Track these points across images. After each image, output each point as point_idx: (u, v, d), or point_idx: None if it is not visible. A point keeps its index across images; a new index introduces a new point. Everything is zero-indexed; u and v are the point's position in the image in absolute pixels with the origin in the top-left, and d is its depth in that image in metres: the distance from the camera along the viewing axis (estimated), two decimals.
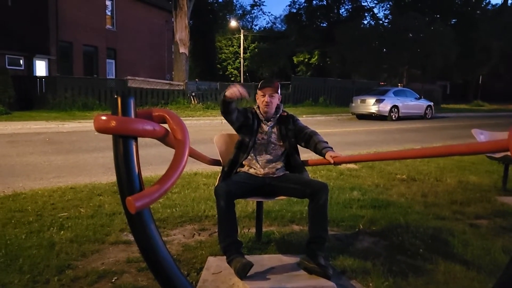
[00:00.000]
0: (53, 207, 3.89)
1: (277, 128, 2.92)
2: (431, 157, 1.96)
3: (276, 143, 2.88)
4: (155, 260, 1.22)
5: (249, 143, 2.85)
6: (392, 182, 5.36)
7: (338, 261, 2.80)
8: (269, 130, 2.89)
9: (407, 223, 3.62)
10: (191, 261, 2.81)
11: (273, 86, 2.86)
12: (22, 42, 19.38)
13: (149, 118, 1.34)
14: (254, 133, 2.86)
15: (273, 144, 2.87)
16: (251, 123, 2.88)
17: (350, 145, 8.95)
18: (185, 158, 1.28)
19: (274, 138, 2.89)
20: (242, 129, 2.88)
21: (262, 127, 2.90)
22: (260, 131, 2.89)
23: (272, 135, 2.89)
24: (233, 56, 44.88)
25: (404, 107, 17.73)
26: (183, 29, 17.34)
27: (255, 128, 2.87)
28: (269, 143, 2.87)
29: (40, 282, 2.45)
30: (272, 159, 2.84)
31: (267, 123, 2.91)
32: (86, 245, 3.03)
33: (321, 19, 40.81)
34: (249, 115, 2.91)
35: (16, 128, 10.29)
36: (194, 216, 3.75)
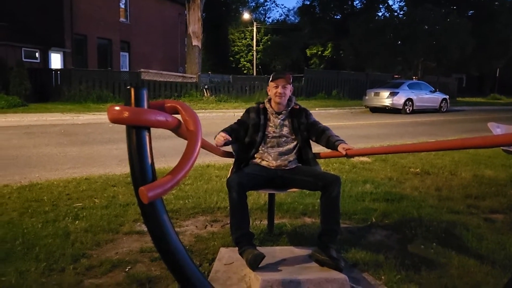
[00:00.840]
0: (68, 197, 3.96)
1: (289, 121, 2.91)
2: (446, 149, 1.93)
3: (288, 136, 2.88)
4: (167, 250, 1.23)
5: (257, 139, 2.86)
6: (405, 175, 5.31)
7: (350, 253, 2.79)
8: (281, 123, 2.88)
9: (421, 216, 3.59)
10: (203, 251, 2.84)
11: (285, 77, 2.85)
12: (37, 35, 19.60)
13: (161, 109, 1.34)
14: (262, 128, 2.86)
15: (285, 137, 2.87)
16: (257, 120, 2.89)
17: (363, 138, 8.88)
18: (197, 149, 1.28)
19: (286, 131, 2.88)
20: (249, 130, 2.91)
21: (272, 121, 2.89)
22: (271, 125, 2.88)
23: (284, 128, 2.88)
24: (246, 49, 44.72)
25: (418, 100, 17.50)
26: (196, 21, 17.34)
27: (262, 123, 2.87)
28: (281, 136, 2.86)
29: (56, 270, 2.50)
30: (284, 151, 2.83)
31: (278, 116, 2.90)
32: (100, 235, 3.07)
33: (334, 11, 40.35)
34: (253, 114, 2.92)
35: (32, 120, 10.45)
36: (207, 208, 3.78)
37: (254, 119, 2.90)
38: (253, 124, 2.89)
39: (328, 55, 41.19)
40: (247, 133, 2.92)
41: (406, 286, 2.35)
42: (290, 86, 2.89)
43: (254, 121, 2.90)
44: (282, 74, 2.90)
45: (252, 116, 2.92)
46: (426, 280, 2.43)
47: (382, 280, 2.42)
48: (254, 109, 2.96)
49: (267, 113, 2.92)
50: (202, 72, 19.12)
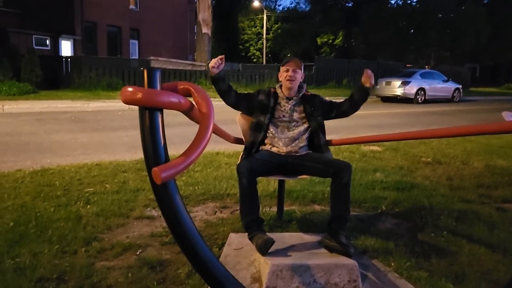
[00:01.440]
0: (80, 182, 4.00)
1: (301, 106, 2.87)
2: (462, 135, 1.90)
3: (299, 121, 2.84)
4: (180, 231, 1.23)
5: (264, 121, 2.83)
6: (416, 165, 5.27)
7: (360, 241, 2.79)
8: (291, 108, 2.85)
9: (431, 205, 3.57)
10: (213, 236, 2.86)
11: (296, 61, 2.84)
12: (48, 23, 19.69)
13: (174, 91, 1.34)
14: (270, 110, 2.83)
15: (295, 122, 2.84)
16: (266, 102, 2.86)
17: (373, 127, 8.82)
18: (209, 131, 1.28)
19: (296, 116, 2.85)
20: (256, 110, 2.89)
21: (282, 105, 2.86)
22: (281, 109, 2.85)
23: (294, 114, 2.85)
24: (256, 37, 44.42)
25: (431, 89, 17.29)
26: (206, 9, 17.25)
27: (271, 106, 2.84)
28: (291, 121, 2.83)
29: (68, 253, 2.53)
30: (294, 137, 2.80)
31: (288, 101, 2.87)
32: (112, 219, 3.10)
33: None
34: (262, 96, 2.90)
35: (43, 107, 10.54)
36: (216, 194, 3.79)
37: (262, 100, 2.88)
38: (261, 105, 2.86)
39: (339, 44, 40.75)
40: (248, 108, 2.92)
41: (415, 273, 2.34)
42: (300, 72, 2.85)
43: (262, 102, 2.87)
44: (292, 58, 2.89)
45: (261, 97, 2.90)
46: (436, 268, 2.42)
47: (391, 267, 2.42)
48: (265, 91, 2.94)
49: (277, 98, 2.89)
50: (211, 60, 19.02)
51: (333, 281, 2.15)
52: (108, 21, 22.60)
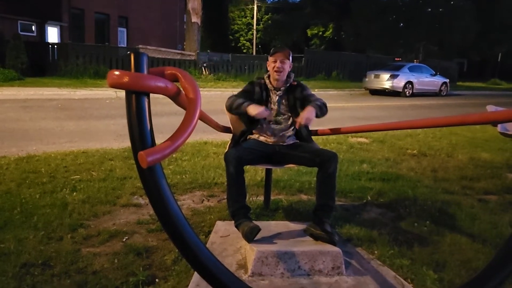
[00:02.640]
0: (66, 169, 3.97)
1: (286, 98, 2.87)
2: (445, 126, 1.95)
3: (285, 114, 2.85)
4: (166, 216, 1.24)
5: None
6: (402, 156, 5.34)
7: (345, 229, 2.83)
8: (279, 101, 2.85)
9: (415, 196, 3.63)
10: (199, 224, 2.87)
11: (284, 52, 2.81)
12: (34, 8, 19.30)
13: (161, 75, 1.34)
14: (264, 104, 2.82)
15: (282, 115, 2.84)
16: (260, 96, 2.85)
17: (360, 120, 8.89)
18: (196, 117, 1.29)
19: (283, 109, 2.85)
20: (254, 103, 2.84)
21: (271, 98, 2.87)
22: (271, 102, 2.86)
23: (281, 106, 2.85)
24: (246, 28, 44.18)
25: (419, 83, 17.43)
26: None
27: (264, 100, 2.84)
28: (278, 114, 2.84)
29: (54, 239, 2.53)
30: (282, 128, 2.82)
31: (276, 93, 2.86)
32: (98, 207, 3.10)
33: None
34: (257, 88, 2.88)
35: (29, 94, 10.38)
36: (204, 183, 3.80)
37: (258, 94, 2.86)
38: (257, 99, 2.83)
39: (329, 36, 40.75)
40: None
41: (398, 261, 2.39)
42: (289, 62, 2.83)
43: (258, 96, 2.85)
44: (281, 49, 2.86)
45: (257, 90, 2.87)
46: (418, 256, 2.47)
47: (375, 255, 2.47)
48: (258, 84, 2.90)
49: (268, 89, 2.89)
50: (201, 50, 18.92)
51: (317, 268, 2.18)
52: (96, 8, 22.26)
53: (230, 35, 43.22)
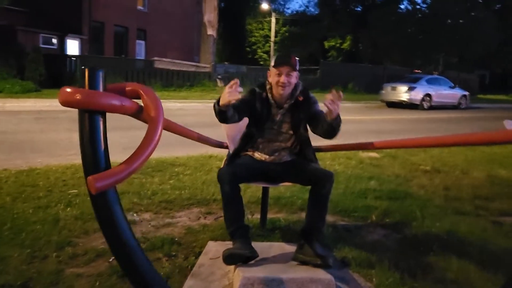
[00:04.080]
0: (64, 183, 3.92)
1: (290, 116, 2.56)
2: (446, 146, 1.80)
3: (286, 133, 2.58)
4: (118, 244, 1.14)
5: (255, 132, 2.59)
6: (414, 173, 5.13)
7: (343, 252, 2.67)
8: (280, 119, 2.56)
9: (423, 216, 3.43)
10: (191, 244, 2.76)
11: (290, 64, 2.41)
12: (56, 22, 19.76)
13: (121, 92, 1.24)
14: (263, 122, 2.55)
15: (283, 134, 2.58)
16: (260, 112, 2.54)
17: (373, 133, 8.68)
18: (156, 137, 1.18)
19: (285, 129, 2.57)
20: (251, 119, 2.61)
21: (273, 115, 2.56)
22: (271, 120, 2.56)
23: (283, 126, 2.57)
24: (263, 40, 44.33)
25: (437, 96, 17.08)
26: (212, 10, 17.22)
27: (263, 118, 2.54)
28: (279, 134, 2.57)
29: (39, 258, 2.45)
30: (279, 149, 2.58)
31: (279, 110, 2.55)
32: (90, 223, 3.01)
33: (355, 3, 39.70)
34: (258, 104, 2.55)
35: (44, 105, 10.53)
36: (202, 199, 3.69)
37: (258, 111, 2.54)
38: (255, 116, 2.55)
39: (347, 48, 40.58)
40: (246, 113, 2.53)
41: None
42: (296, 73, 2.47)
43: (257, 113, 2.54)
44: (286, 59, 2.44)
45: (258, 106, 2.53)
46: (420, 285, 2.30)
47: (373, 282, 2.30)
48: (260, 97, 2.54)
49: (268, 104, 2.55)
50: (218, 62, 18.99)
51: None
52: (115, 21, 22.65)
53: (247, 47, 43.44)
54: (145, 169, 4.61)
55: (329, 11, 38.59)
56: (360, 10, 38.70)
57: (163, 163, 4.92)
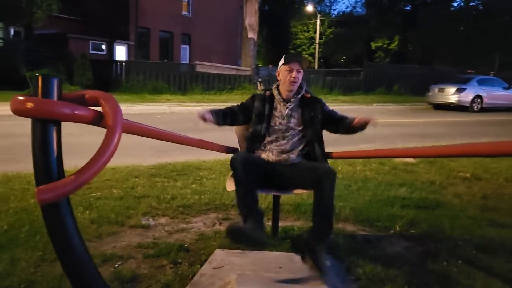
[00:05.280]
0: (89, 186, 4.00)
1: (299, 112, 2.61)
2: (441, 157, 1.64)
3: (295, 129, 2.58)
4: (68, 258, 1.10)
5: (261, 131, 2.60)
6: (451, 180, 4.82)
7: (358, 265, 2.51)
8: (289, 114, 2.59)
9: (453, 228, 3.18)
10: (199, 252, 2.70)
11: (301, 61, 2.58)
12: (105, 29, 20.65)
13: (81, 100, 1.20)
14: (266, 118, 2.60)
15: (291, 130, 2.58)
16: (261, 109, 2.63)
17: (414, 137, 8.28)
18: (111, 147, 1.13)
19: (293, 123, 2.59)
20: (253, 119, 2.67)
21: (279, 110, 2.61)
22: (277, 115, 2.60)
23: (292, 120, 2.59)
24: (308, 42, 43.98)
25: (489, 97, 16.10)
26: (253, 14, 17.26)
27: (266, 113, 2.60)
28: (287, 129, 2.58)
29: (48, 261, 2.48)
30: (287, 148, 2.55)
31: (286, 104, 2.60)
32: (105, 227, 3.04)
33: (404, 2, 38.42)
34: (258, 103, 2.66)
35: None
36: (221, 204, 3.64)
37: (258, 108, 2.64)
38: (256, 114, 2.64)
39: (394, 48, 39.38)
40: (247, 119, 2.70)
41: None
42: (302, 72, 2.60)
43: (258, 111, 2.64)
44: (297, 57, 2.65)
45: (256, 105, 2.66)
46: None
47: None
48: (260, 97, 2.70)
49: (273, 102, 2.64)
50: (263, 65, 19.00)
51: None
52: (161, 26, 23.30)
53: (292, 49, 43.26)
54: (170, 173, 4.64)
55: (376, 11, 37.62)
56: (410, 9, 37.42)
57: (189, 167, 4.93)
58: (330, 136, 2.77)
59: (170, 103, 13.08)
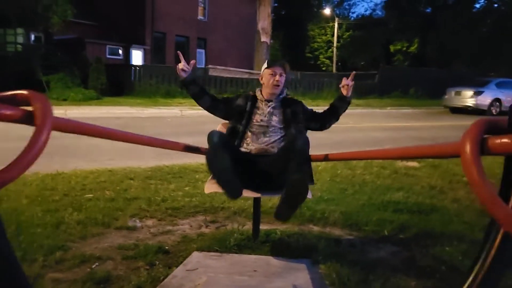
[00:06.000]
0: (83, 187, 4.05)
1: (281, 110, 2.70)
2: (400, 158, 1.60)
3: (276, 126, 2.65)
4: None
5: (240, 127, 2.66)
6: (453, 184, 4.69)
7: (334, 270, 2.45)
8: (270, 112, 2.68)
9: (443, 233, 3.10)
10: (178, 254, 2.69)
11: (283, 65, 2.71)
12: (121, 33, 20.99)
13: (13, 100, 1.21)
14: (247, 115, 2.66)
15: (273, 127, 2.64)
16: (243, 107, 2.71)
17: (422, 141, 8.11)
18: (37, 146, 1.12)
19: (275, 121, 2.66)
20: (233, 116, 2.74)
21: (261, 109, 2.70)
22: (258, 113, 2.68)
23: (273, 118, 2.67)
24: (326, 45, 43.71)
25: (509, 100, 15.62)
26: (266, 17, 17.27)
27: (247, 110, 2.68)
28: (268, 126, 2.64)
29: (27, 261, 2.50)
30: (268, 143, 2.60)
31: (268, 103, 2.71)
32: (90, 228, 3.06)
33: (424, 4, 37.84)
34: (240, 101, 2.76)
35: (101, 113, 11.14)
36: (210, 207, 3.64)
37: (240, 106, 2.73)
38: (238, 111, 2.72)
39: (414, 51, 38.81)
40: (227, 112, 2.80)
41: None
42: (285, 75, 2.72)
43: (240, 108, 2.72)
44: (280, 61, 2.76)
45: (239, 102, 2.76)
46: None
47: None
48: (244, 96, 2.82)
49: (256, 100, 2.74)
50: None
51: None
52: (177, 31, 23.54)
53: (309, 53, 43.06)
54: (166, 175, 4.67)
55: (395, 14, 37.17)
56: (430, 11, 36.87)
57: (186, 169, 4.95)
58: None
59: (182, 107, 13.17)
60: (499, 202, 1.13)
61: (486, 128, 1.11)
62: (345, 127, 10.25)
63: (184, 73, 2.68)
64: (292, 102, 2.79)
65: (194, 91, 2.76)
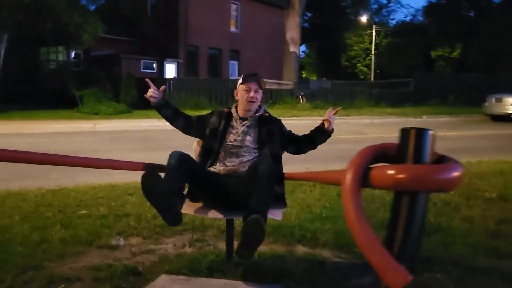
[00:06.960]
0: (79, 203, 4.07)
1: (256, 130, 2.59)
2: None
3: (249, 146, 2.53)
4: None
5: (214, 147, 2.56)
6: (472, 201, 4.34)
7: None
8: (244, 131, 2.56)
9: (439, 257, 2.82)
10: (148, 276, 2.60)
11: (258, 81, 2.59)
12: (155, 48, 21.55)
13: None
14: (220, 134, 2.57)
15: (246, 147, 2.53)
16: (217, 125, 2.62)
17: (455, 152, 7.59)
18: None
19: (249, 141, 2.55)
20: (207, 134, 2.65)
21: (235, 128, 2.59)
22: (232, 132, 2.57)
23: (247, 138, 2.55)
24: (364, 53, 42.92)
25: None
26: (294, 27, 17.18)
27: (220, 129, 2.58)
28: (242, 146, 2.52)
29: None
30: (240, 164, 2.48)
31: (242, 122, 2.59)
32: (71, 246, 3.04)
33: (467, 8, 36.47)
34: (214, 118, 2.67)
35: (129, 126, 11.39)
36: (199, 225, 3.54)
37: (213, 124, 2.64)
38: (211, 129, 2.63)
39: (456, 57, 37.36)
40: (200, 131, 2.71)
41: None
42: (261, 91, 2.62)
43: (213, 126, 2.64)
44: (255, 76, 2.62)
45: (212, 120, 2.67)
46: None
47: None
48: (218, 113, 2.72)
49: (230, 119, 2.64)
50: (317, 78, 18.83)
51: None
52: (209, 44, 23.87)
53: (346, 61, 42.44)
54: None
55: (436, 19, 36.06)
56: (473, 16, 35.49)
57: None
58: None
59: None
60: (376, 247, 0.97)
61: (375, 156, 0.95)
62: (372, 138, 9.94)
63: (154, 99, 2.62)
64: (270, 120, 2.66)
65: (167, 114, 2.70)
